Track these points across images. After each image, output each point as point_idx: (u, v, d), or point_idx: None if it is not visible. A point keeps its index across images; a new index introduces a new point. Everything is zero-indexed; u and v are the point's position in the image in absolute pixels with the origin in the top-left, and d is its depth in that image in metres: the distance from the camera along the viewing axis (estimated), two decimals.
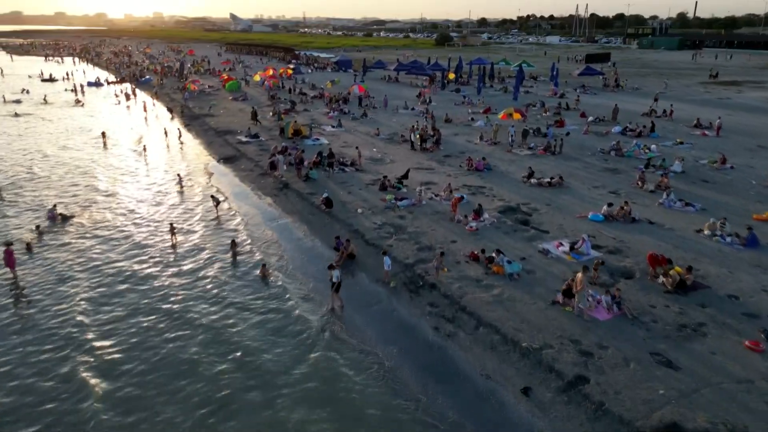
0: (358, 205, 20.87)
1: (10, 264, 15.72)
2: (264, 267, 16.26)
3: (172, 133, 35.87)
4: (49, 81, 67.20)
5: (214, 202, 21.69)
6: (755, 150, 29.45)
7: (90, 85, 62.53)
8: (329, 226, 19.47)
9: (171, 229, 18.79)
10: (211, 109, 44.06)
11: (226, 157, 30.02)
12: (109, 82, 66.02)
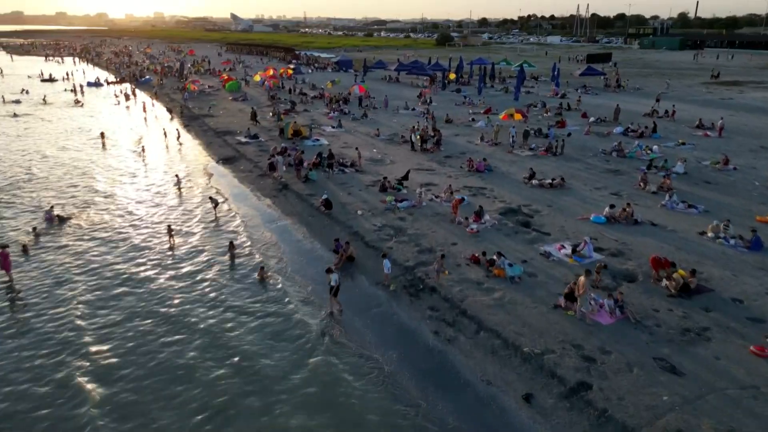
0: (357, 206, 20.71)
1: (6, 266, 15.54)
2: (262, 269, 16.10)
3: (171, 134, 35.70)
4: (48, 81, 67.06)
5: (213, 204, 21.52)
6: (758, 151, 29.26)
7: (90, 85, 62.44)
8: (329, 227, 19.31)
9: (169, 231, 18.62)
10: (210, 109, 43.93)
11: (226, 158, 29.87)
12: (108, 83, 65.89)
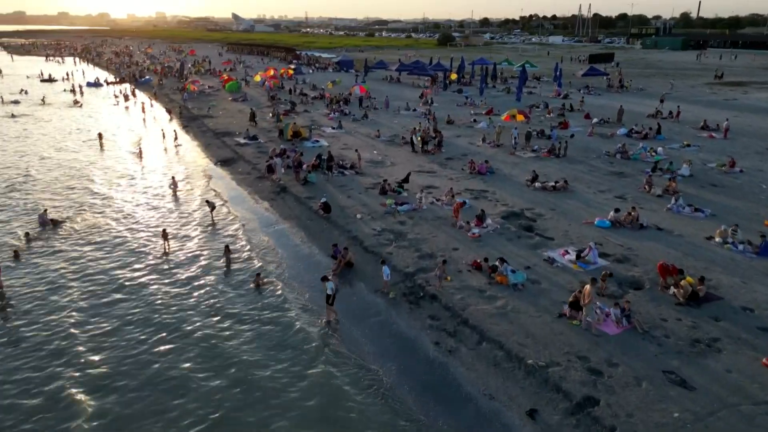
0: (357, 210, 20.32)
1: None
2: (258, 276, 15.70)
3: (169, 135, 35.34)
4: (48, 81, 66.72)
5: (210, 207, 21.13)
6: (764, 153, 28.81)
7: (89, 85, 62.15)
8: (327, 231, 18.92)
9: (164, 235, 18.23)
10: (210, 110, 43.57)
11: (224, 160, 29.49)
12: (108, 83, 65.58)
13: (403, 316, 13.58)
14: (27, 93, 55.20)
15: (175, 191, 24.11)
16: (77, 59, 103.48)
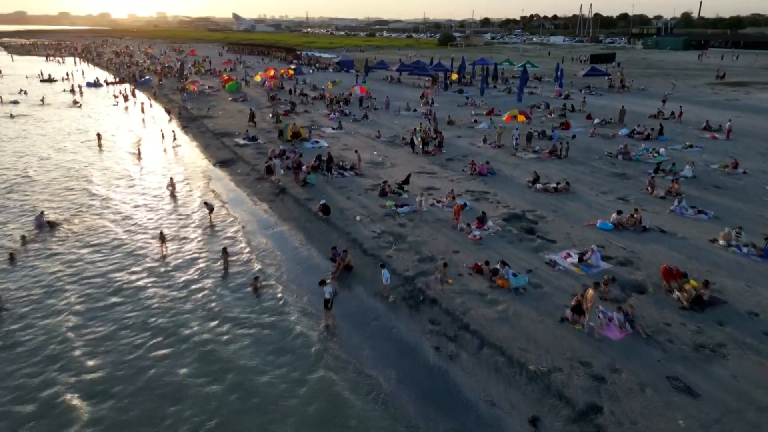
0: (356, 211, 20.14)
1: None
2: (256, 280, 15.52)
3: (168, 136, 35.18)
4: (48, 81, 66.60)
5: (208, 209, 20.96)
6: (767, 154, 28.57)
7: (89, 85, 62.03)
8: (326, 234, 18.75)
9: (161, 238, 18.06)
10: (209, 110, 43.41)
11: (223, 161, 29.33)
12: (108, 83, 65.46)
13: (403, 320, 13.41)
14: (26, 93, 55.06)
15: (173, 192, 23.94)
16: (77, 59, 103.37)
